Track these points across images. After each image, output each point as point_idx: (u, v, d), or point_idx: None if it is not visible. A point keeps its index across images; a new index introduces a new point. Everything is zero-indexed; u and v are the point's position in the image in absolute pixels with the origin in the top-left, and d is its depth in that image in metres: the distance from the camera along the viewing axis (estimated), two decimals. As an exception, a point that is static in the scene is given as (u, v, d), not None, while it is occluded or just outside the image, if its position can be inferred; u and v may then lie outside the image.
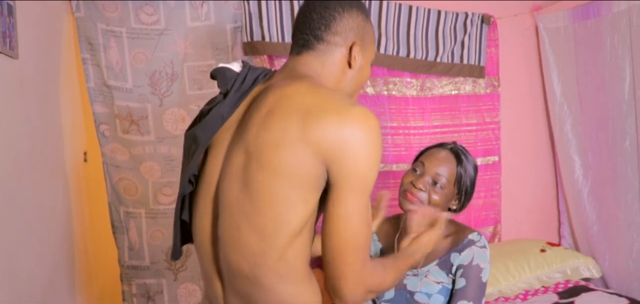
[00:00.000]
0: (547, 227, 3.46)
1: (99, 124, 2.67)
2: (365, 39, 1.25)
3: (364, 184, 1.06)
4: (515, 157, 3.34)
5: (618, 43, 2.77)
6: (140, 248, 2.78)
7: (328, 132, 1.04)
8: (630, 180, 2.80)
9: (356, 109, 1.07)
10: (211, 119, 1.18)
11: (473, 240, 1.73)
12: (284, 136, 1.06)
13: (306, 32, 1.22)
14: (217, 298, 1.22)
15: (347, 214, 1.05)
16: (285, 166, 1.05)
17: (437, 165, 1.75)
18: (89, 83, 2.63)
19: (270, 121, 1.09)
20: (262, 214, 1.07)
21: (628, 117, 2.77)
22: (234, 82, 1.19)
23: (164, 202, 2.75)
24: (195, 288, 2.83)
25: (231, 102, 1.18)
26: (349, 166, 1.04)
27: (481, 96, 3.21)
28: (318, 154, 1.04)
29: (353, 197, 1.05)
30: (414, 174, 1.77)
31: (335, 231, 1.06)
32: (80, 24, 2.57)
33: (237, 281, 1.14)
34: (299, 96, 1.10)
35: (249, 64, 1.24)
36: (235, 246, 1.11)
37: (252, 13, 2.70)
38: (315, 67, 1.21)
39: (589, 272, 3.00)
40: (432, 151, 1.82)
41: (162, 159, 2.74)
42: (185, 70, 2.70)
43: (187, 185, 1.21)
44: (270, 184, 1.06)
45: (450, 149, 1.79)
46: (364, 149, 1.05)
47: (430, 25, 3.04)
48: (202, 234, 1.22)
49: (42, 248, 2.16)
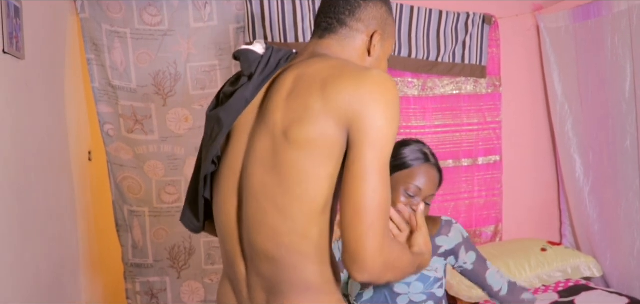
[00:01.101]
0: (548, 226, 3.48)
1: (103, 124, 2.70)
2: (386, 30, 1.28)
3: (383, 142, 1.05)
4: (516, 157, 3.35)
5: (618, 43, 2.79)
6: (144, 246, 2.80)
7: (346, 95, 1.05)
8: (630, 179, 2.82)
9: (373, 72, 1.08)
10: (235, 101, 1.19)
11: (449, 221, 1.81)
12: (306, 111, 1.07)
13: (330, 16, 1.25)
14: (240, 279, 1.24)
15: (366, 170, 1.03)
16: (312, 140, 1.07)
17: (431, 185, 1.74)
18: (93, 83, 2.66)
19: (292, 101, 1.11)
20: (289, 193, 1.09)
21: (628, 116, 2.78)
22: (257, 65, 1.21)
23: (168, 201, 2.78)
24: (199, 285, 2.85)
25: (255, 85, 1.19)
26: (366, 124, 1.04)
27: (482, 95, 3.22)
28: (339, 120, 1.06)
29: (372, 154, 1.04)
30: (408, 197, 1.69)
31: (355, 189, 1.04)
32: (85, 25, 2.60)
33: (261, 263, 1.16)
34: (317, 72, 1.12)
35: (272, 46, 1.25)
36: (261, 228, 1.14)
37: (254, 14, 2.73)
38: (336, 50, 1.23)
39: (590, 271, 3.01)
40: (425, 172, 1.73)
41: (165, 158, 2.77)
42: (188, 71, 2.72)
43: (210, 165, 1.23)
44: (298, 161, 1.08)
45: (434, 166, 1.76)
46: (381, 107, 1.05)
47: (432, 26, 3.06)
48: (227, 216, 1.23)
49: (48, 245, 2.19)
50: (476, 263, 1.79)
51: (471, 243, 1.81)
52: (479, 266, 1.80)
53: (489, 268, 1.81)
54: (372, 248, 1.03)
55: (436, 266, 1.77)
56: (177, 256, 2.83)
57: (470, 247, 1.79)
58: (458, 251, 1.78)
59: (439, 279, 1.76)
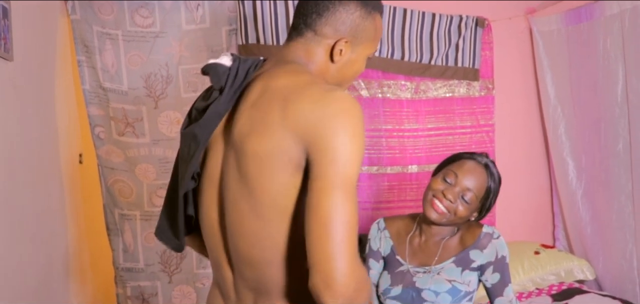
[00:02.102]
0: (542, 229, 3.47)
1: (94, 126, 2.67)
2: (359, 35, 1.24)
3: (344, 159, 1.01)
4: (509, 160, 3.34)
5: (611, 46, 2.79)
6: (135, 250, 2.78)
7: (306, 114, 1.03)
8: (623, 182, 2.82)
9: (335, 92, 1.06)
10: (209, 116, 1.18)
11: (490, 234, 1.77)
12: (265, 124, 1.07)
13: (299, 18, 1.23)
14: (227, 285, 1.24)
15: (327, 186, 0.99)
16: (270, 153, 1.05)
17: (471, 179, 1.74)
18: (84, 85, 2.63)
19: (254, 112, 1.11)
20: (261, 202, 1.09)
21: (621, 119, 2.79)
22: (227, 78, 1.19)
23: (159, 204, 2.75)
24: (190, 290, 2.83)
25: (227, 98, 1.18)
26: (325, 142, 1.01)
27: (475, 98, 3.22)
28: (296, 137, 1.04)
29: (332, 170, 1.00)
30: (445, 183, 1.75)
31: (318, 206, 0.99)
32: (76, 26, 2.58)
33: (246, 268, 1.17)
34: (281, 88, 1.10)
35: (239, 57, 1.24)
36: (243, 234, 1.14)
37: (247, 15, 2.71)
38: (301, 55, 1.22)
39: (583, 274, 3.01)
40: (466, 162, 1.79)
41: (157, 161, 2.74)
42: (180, 73, 2.70)
43: (190, 182, 1.22)
44: (261, 173, 1.07)
45: (484, 164, 1.78)
46: (340, 125, 1.02)
47: (425, 28, 3.05)
48: (211, 226, 1.24)
49: (37, 249, 2.17)
50: (496, 285, 1.76)
51: (503, 263, 1.75)
52: (496, 288, 1.76)
53: (502, 295, 1.76)
54: (343, 268, 0.97)
55: (469, 280, 1.76)
56: (169, 260, 2.81)
57: (498, 268, 1.75)
58: (485, 269, 1.76)
59: (470, 293, 1.75)
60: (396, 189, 3.08)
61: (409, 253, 1.85)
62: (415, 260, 1.83)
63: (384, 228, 1.93)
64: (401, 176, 3.06)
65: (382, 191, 3.07)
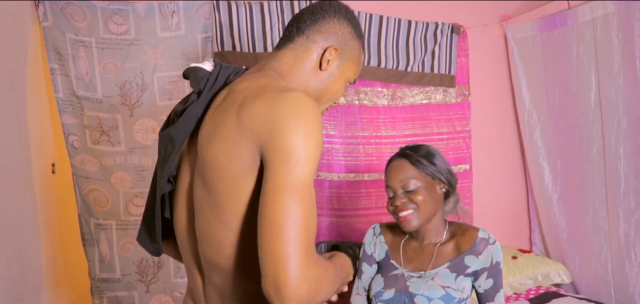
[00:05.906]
0: (519, 234, 3.50)
1: (68, 135, 2.64)
2: (346, 51, 1.26)
3: (296, 158, 0.99)
4: (486, 165, 3.37)
5: (583, 53, 2.83)
6: (111, 260, 2.74)
7: (260, 115, 1.02)
8: (597, 187, 2.85)
9: (291, 93, 1.04)
10: (185, 119, 1.19)
11: (485, 239, 1.77)
12: (223, 128, 1.06)
13: (292, 24, 1.25)
14: (198, 289, 1.25)
15: (278, 187, 0.97)
16: (228, 159, 1.05)
17: (397, 176, 1.78)
18: (57, 93, 2.60)
19: (216, 115, 1.11)
20: (222, 207, 1.08)
21: (594, 125, 2.82)
22: (206, 82, 1.20)
23: (136, 213, 2.73)
24: (168, 299, 2.80)
25: (204, 102, 1.19)
26: (278, 143, 0.99)
27: (452, 104, 3.24)
28: (251, 140, 1.02)
29: (283, 171, 0.98)
30: (390, 199, 1.80)
31: (267, 206, 0.97)
32: (48, 33, 2.54)
33: (213, 273, 1.17)
34: (242, 91, 1.10)
35: (221, 63, 1.25)
36: (209, 240, 1.13)
37: (222, 23, 2.70)
38: (288, 60, 1.22)
39: (560, 278, 3.04)
40: (388, 168, 1.85)
41: (133, 170, 2.71)
42: (155, 81, 2.68)
43: (166, 185, 1.22)
44: (221, 180, 1.06)
45: (400, 154, 1.83)
46: (292, 125, 1.00)
47: (401, 35, 3.07)
48: (182, 230, 1.25)
49: (9, 262, 2.12)
50: (489, 290, 1.76)
51: (497, 269, 1.75)
52: (488, 294, 1.77)
53: (493, 301, 1.76)
54: (293, 271, 0.93)
55: (463, 286, 1.75)
56: (146, 269, 2.78)
57: (492, 274, 1.75)
58: (480, 275, 1.76)
59: (464, 299, 1.75)
60: (374, 196, 3.08)
61: (404, 258, 1.86)
62: (410, 265, 1.83)
63: (380, 233, 1.95)
64: (379, 183, 3.06)
65: (360, 198, 3.07)
